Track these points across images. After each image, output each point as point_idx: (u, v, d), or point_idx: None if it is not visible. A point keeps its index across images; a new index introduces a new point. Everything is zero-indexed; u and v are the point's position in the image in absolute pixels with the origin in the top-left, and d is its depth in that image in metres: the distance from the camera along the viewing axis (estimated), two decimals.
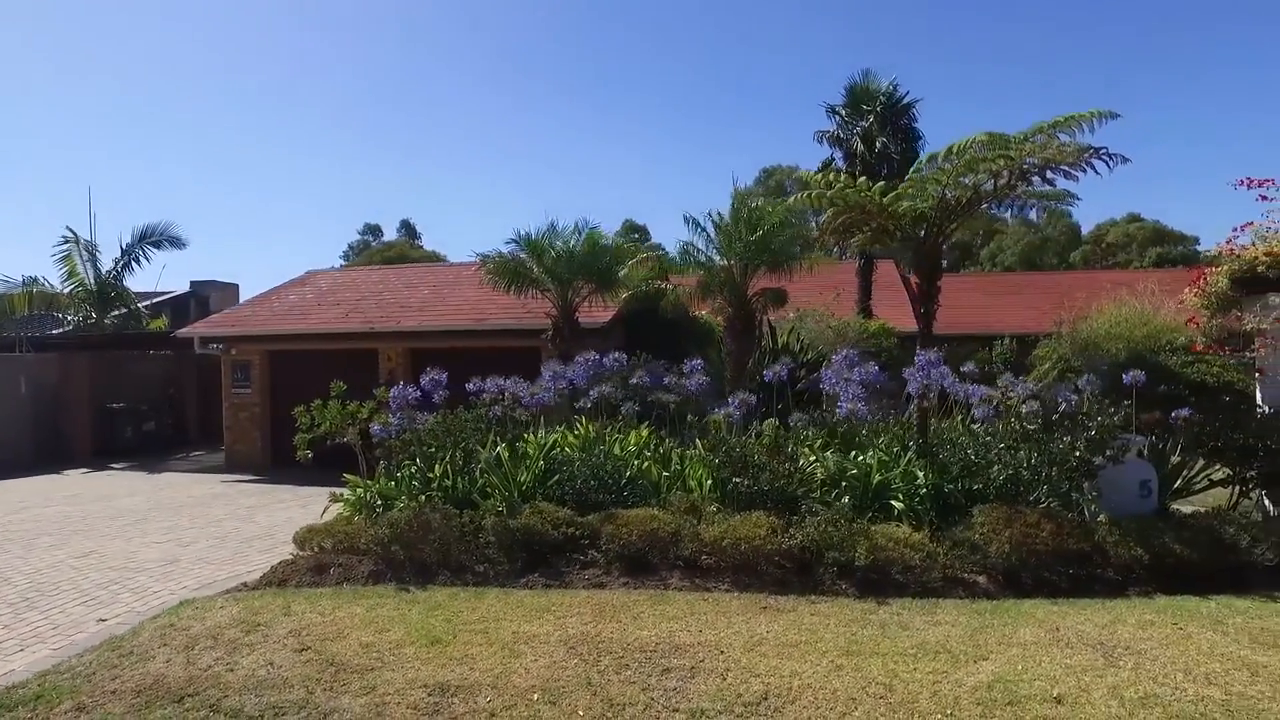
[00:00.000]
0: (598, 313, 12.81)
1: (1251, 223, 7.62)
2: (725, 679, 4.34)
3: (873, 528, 6.15)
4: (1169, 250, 36.65)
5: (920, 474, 6.70)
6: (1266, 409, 7.56)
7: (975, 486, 6.65)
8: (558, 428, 8.18)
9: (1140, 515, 6.59)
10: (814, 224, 10.31)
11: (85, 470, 15.06)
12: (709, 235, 9.47)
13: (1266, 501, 7.44)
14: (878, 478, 6.80)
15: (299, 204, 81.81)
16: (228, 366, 14.76)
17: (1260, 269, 7.45)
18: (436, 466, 7.14)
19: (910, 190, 7.56)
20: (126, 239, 19.37)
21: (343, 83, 74.78)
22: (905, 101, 17.24)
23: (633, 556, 6.24)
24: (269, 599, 5.90)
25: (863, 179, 7.57)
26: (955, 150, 6.76)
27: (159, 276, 48.74)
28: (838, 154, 17.81)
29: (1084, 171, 7.51)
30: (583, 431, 7.65)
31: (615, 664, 4.57)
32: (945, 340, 20.56)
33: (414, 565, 6.33)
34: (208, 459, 16.45)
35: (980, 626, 5.02)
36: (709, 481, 6.95)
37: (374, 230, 58.21)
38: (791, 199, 8.37)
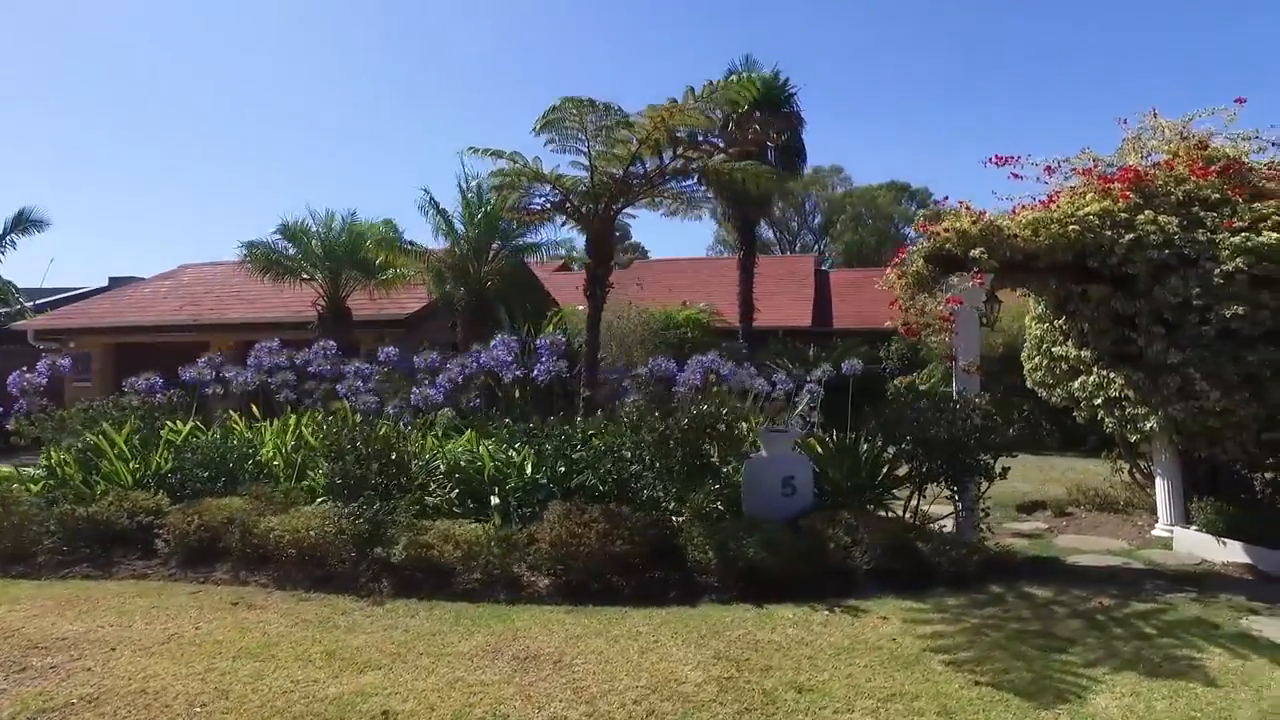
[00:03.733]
0: (410, 302, 12.53)
1: (947, 198, 6.97)
2: (68, 680, 3.94)
3: (433, 523, 5.69)
4: None
5: (529, 467, 6.21)
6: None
7: (588, 481, 6.11)
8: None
9: (755, 516, 5.98)
10: None
11: None
12: (448, 219, 9.06)
13: (959, 502, 6.76)
14: (490, 470, 6.33)
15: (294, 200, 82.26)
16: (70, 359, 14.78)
17: (948, 247, 6.79)
18: (54, 453, 6.87)
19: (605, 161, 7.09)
20: None
21: (334, 78, 75.68)
22: (785, 87, 16.59)
23: (194, 547, 5.88)
24: None
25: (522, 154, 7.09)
26: (543, 121, 6.25)
27: (45, 271, 48.07)
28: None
29: (770, 144, 6.99)
30: (233, 423, 7.31)
31: None
32: (844, 335, 19.94)
33: None
34: None
35: (432, 633, 4.52)
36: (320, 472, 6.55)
37: None
38: (489, 175, 7.92)
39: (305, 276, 10.47)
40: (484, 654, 4.22)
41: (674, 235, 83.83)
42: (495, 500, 6.00)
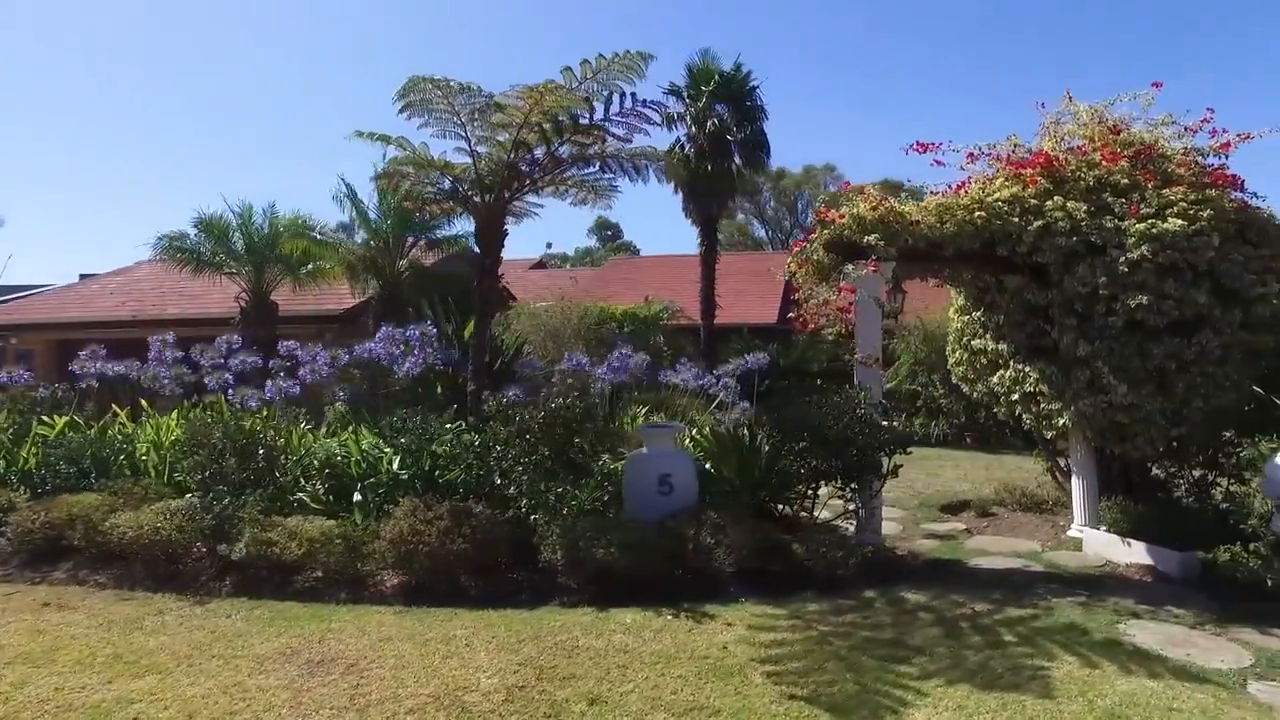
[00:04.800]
0: (349, 297, 12.29)
1: (844, 182, 6.68)
2: None
3: (285, 519, 5.43)
4: None
5: (395, 463, 5.94)
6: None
7: (458, 478, 5.83)
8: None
9: (634, 516, 5.71)
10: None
11: None
12: (362, 211, 8.79)
13: (855, 501, 6.44)
14: (358, 465, 6.07)
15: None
16: (11, 355, 14.65)
17: (846, 234, 6.48)
18: None
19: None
20: None
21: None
22: (746, 80, 16.31)
23: (39, 545, 5.63)
24: None
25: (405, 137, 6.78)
26: (404, 102, 5.96)
27: (3, 268, 49.14)
28: (683, 135, 16.86)
29: (653, 123, 6.72)
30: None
31: None
32: (812, 332, 19.51)
33: None
34: None
35: (237, 634, 4.27)
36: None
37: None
38: (388, 162, 7.64)
39: (228, 271, 10.25)
40: (279, 657, 3.96)
41: (669, 232, 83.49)
42: (358, 496, 5.74)
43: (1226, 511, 5.69)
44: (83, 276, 24.25)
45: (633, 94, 6.06)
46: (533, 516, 5.31)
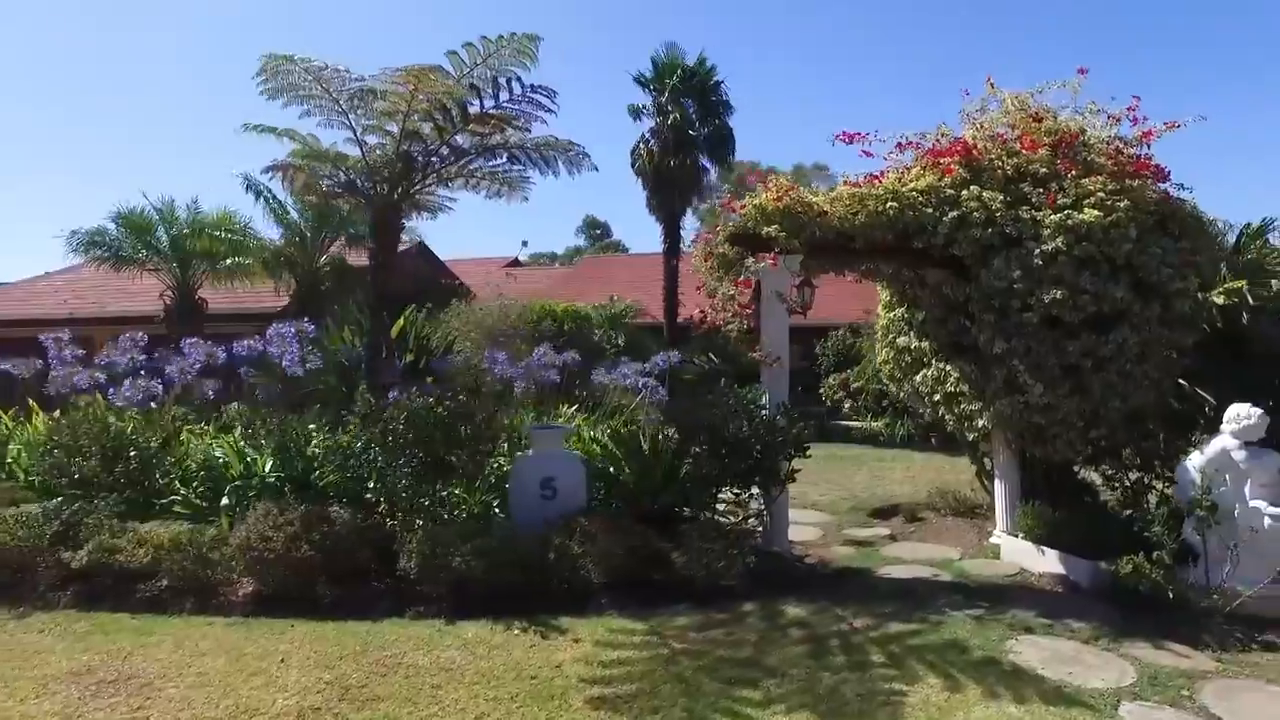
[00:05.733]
0: (287, 295, 11.97)
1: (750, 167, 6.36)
2: None
3: (139, 524, 5.14)
4: None
5: (267, 465, 5.65)
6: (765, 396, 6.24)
7: (332, 481, 5.51)
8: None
9: (519, 521, 5.43)
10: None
11: None
12: (273, 206, 8.50)
13: (752, 506, 6.12)
14: (229, 466, 5.77)
15: None
16: None
17: (750, 225, 6.17)
18: None
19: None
20: None
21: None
22: (710, 74, 15.99)
23: None
24: None
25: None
26: (268, 86, 5.65)
27: None
28: (647, 129, 16.52)
29: (548, 111, 6.42)
30: None
31: None
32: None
33: None
34: None
35: (38, 651, 4.00)
36: None
37: None
38: (290, 154, 7.34)
39: (151, 268, 9.96)
40: (70, 677, 3.66)
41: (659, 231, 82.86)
42: (226, 500, 5.45)
43: (1130, 519, 5.37)
44: (47, 274, 24.07)
45: (519, 79, 5.75)
46: (389, 522, 5.00)
